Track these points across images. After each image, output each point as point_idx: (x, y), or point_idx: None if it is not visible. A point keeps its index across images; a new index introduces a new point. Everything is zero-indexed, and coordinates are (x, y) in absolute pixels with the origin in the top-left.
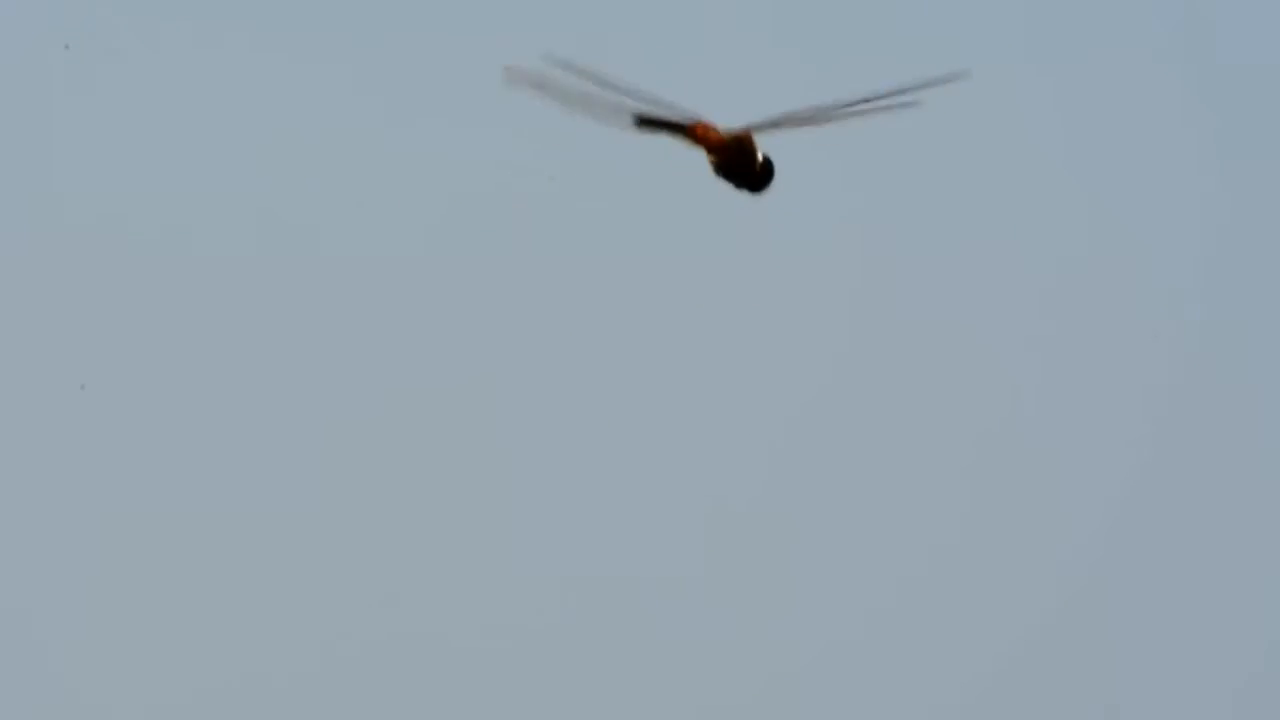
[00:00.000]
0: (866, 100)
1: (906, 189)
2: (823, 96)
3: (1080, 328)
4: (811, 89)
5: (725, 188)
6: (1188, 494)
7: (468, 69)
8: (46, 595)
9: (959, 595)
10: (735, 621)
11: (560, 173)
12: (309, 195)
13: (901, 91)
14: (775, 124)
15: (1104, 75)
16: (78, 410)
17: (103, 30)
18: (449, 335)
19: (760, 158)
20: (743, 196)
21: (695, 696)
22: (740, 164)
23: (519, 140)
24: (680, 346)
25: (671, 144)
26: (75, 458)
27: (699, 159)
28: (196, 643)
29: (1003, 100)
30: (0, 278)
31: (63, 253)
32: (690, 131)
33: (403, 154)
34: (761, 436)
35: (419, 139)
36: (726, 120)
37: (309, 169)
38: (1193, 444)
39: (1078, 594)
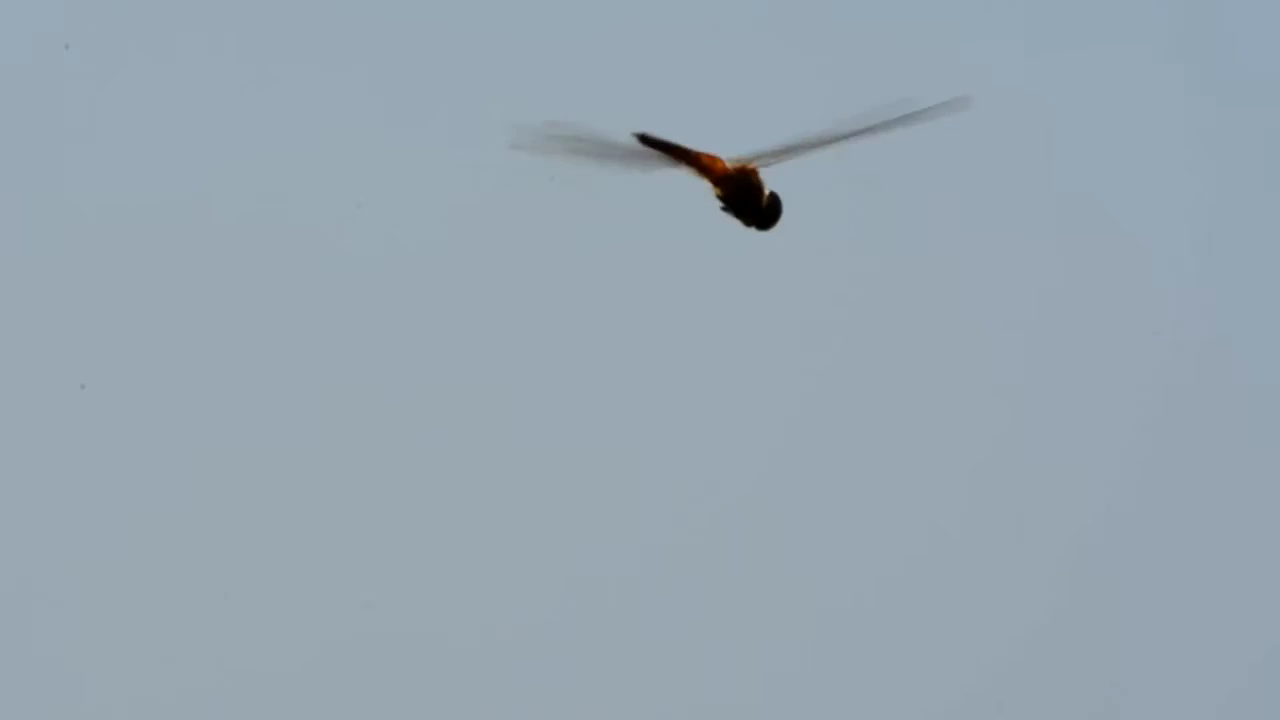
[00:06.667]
0: (870, 125)
1: (905, 187)
2: (825, 120)
3: (1078, 328)
4: (813, 111)
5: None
6: (1186, 496)
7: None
8: (46, 595)
9: (956, 596)
10: (731, 621)
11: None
12: (311, 196)
13: (904, 116)
14: (782, 154)
15: (1103, 78)
16: (78, 410)
17: (103, 30)
18: (448, 334)
19: (767, 192)
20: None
21: (690, 698)
22: (746, 197)
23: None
24: (676, 344)
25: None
26: (75, 458)
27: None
28: (196, 643)
29: (1002, 102)
30: (0, 277)
31: (63, 253)
32: (696, 159)
33: (403, 154)
34: (757, 437)
35: (419, 140)
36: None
37: (311, 169)
38: (1192, 446)
39: (1078, 594)
